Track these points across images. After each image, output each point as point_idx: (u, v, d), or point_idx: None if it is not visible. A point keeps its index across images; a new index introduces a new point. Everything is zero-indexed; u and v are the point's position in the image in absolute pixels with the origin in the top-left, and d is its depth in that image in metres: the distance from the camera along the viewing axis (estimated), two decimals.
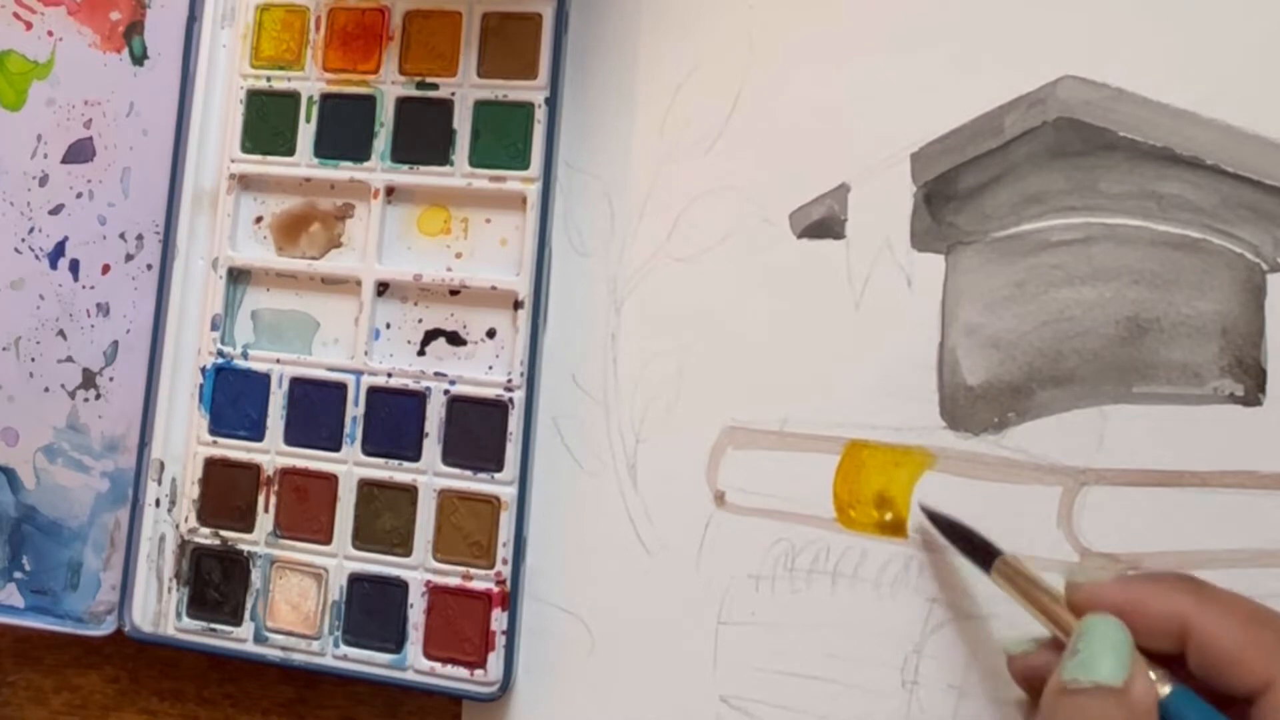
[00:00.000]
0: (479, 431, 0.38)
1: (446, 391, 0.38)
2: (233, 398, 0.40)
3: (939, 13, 0.37)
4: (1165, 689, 0.28)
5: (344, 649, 0.38)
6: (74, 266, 0.42)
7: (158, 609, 0.40)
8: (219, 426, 0.40)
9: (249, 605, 0.39)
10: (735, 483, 0.37)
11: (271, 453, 0.39)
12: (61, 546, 0.41)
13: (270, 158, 0.41)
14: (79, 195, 0.42)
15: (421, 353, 0.39)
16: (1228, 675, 0.27)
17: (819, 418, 0.37)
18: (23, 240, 0.43)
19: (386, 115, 0.40)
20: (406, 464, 0.38)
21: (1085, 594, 0.30)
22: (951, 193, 0.37)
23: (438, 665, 0.37)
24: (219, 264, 0.41)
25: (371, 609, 0.38)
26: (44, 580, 0.41)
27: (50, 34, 0.43)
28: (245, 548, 0.39)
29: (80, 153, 0.43)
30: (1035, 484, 0.35)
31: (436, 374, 0.38)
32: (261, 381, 0.40)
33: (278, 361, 0.40)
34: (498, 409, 0.38)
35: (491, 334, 0.39)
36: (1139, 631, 0.28)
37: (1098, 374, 0.35)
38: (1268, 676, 0.27)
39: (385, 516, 0.38)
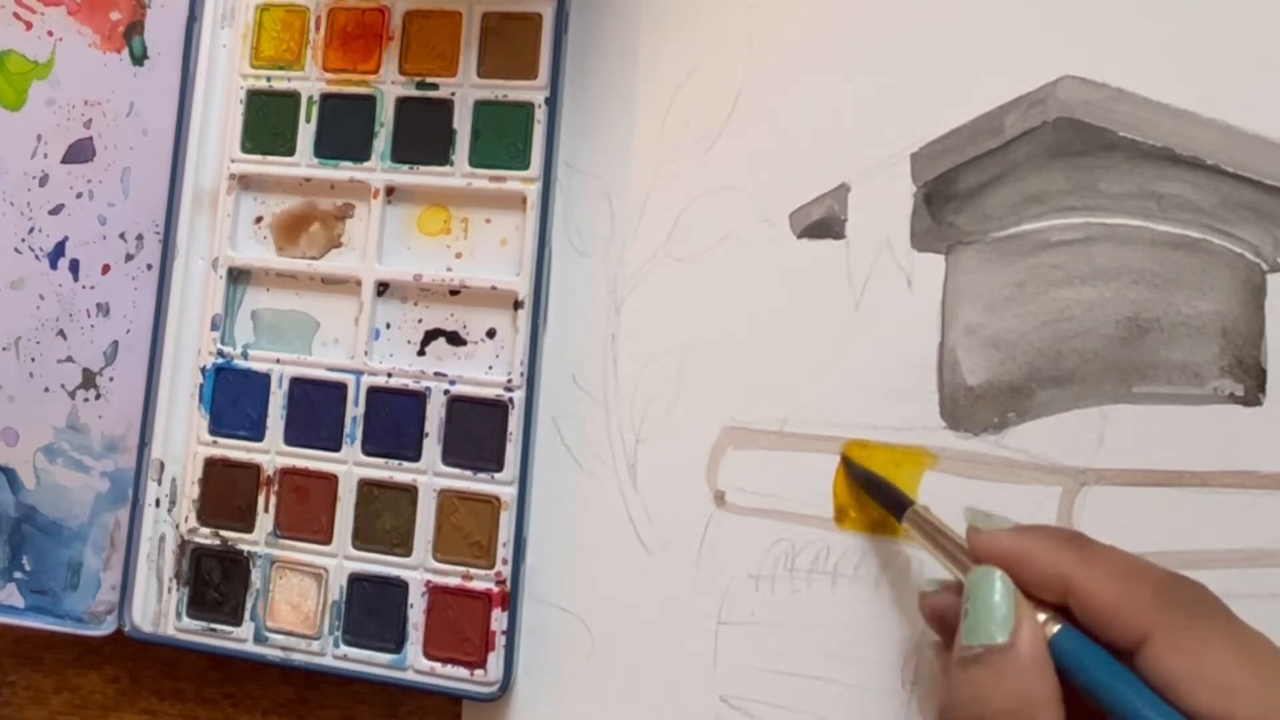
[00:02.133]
0: (479, 431, 0.38)
1: (446, 391, 0.38)
2: (233, 398, 0.40)
3: (939, 12, 0.37)
4: (1054, 628, 0.28)
5: (344, 649, 0.38)
6: (74, 266, 0.42)
7: (158, 609, 0.40)
8: (219, 426, 0.40)
9: (249, 605, 0.39)
10: (735, 483, 0.37)
11: (271, 453, 0.39)
12: (61, 546, 0.41)
13: (270, 158, 0.41)
14: (79, 195, 0.42)
15: (421, 353, 0.39)
16: (1107, 630, 0.28)
17: (819, 418, 0.37)
18: (23, 240, 0.43)
19: (386, 115, 0.40)
20: (406, 464, 0.38)
21: (980, 542, 0.31)
22: (951, 193, 0.37)
23: (438, 665, 0.37)
24: (219, 264, 0.41)
25: (371, 609, 0.38)
26: (44, 580, 0.41)
27: (50, 34, 0.43)
28: (245, 548, 0.39)
29: (80, 153, 0.43)
30: (1035, 484, 0.35)
31: (436, 374, 0.38)
32: (261, 381, 0.40)
33: (278, 361, 0.40)
34: (498, 409, 0.38)
35: (491, 334, 0.39)
36: (1028, 583, 0.29)
37: (1098, 374, 0.35)
38: (1144, 629, 0.27)
39: (385, 516, 0.38)
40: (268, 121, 0.41)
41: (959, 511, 0.35)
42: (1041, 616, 0.29)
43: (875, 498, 0.35)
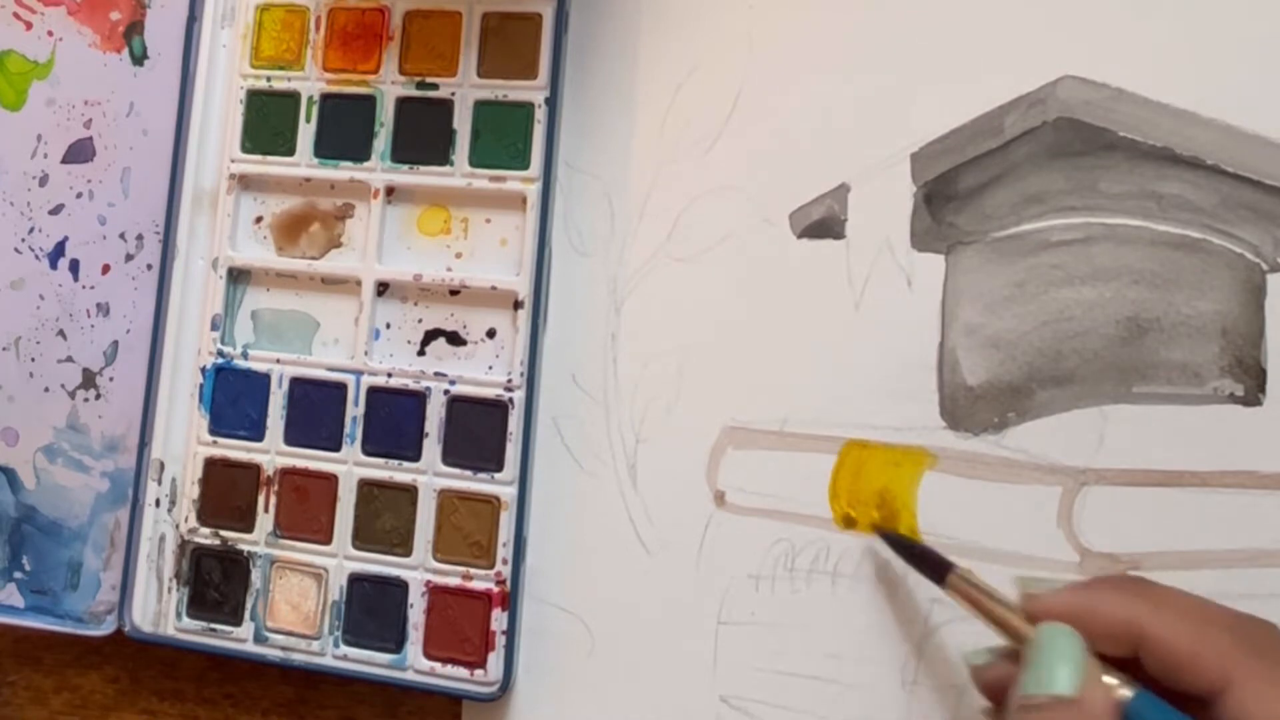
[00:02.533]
0: (479, 431, 0.38)
1: (446, 391, 0.38)
2: (233, 398, 0.40)
3: (939, 12, 0.37)
4: (1127, 693, 0.28)
5: (344, 649, 0.38)
6: (74, 266, 0.42)
7: (158, 609, 0.40)
8: (219, 426, 0.40)
9: (249, 605, 0.39)
10: (735, 483, 0.37)
11: (271, 453, 0.39)
12: (61, 546, 0.41)
13: (270, 158, 0.41)
14: (79, 195, 0.42)
15: (421, 353, 0.39)
16: (1184, 677, 0.27)
17: (819, 418, 0.37)
18: (23, 240, 0.43)
19: (386, 115, 0.40)
20: (406, 464, 0.38)
21: (1040, 604, 0.30)
22: (951, 193, 0.37)
23: (438, 665, 0.37)
24: (219, 264, 0.41)
25: (371, 609, 0.38)
26: (44, 580, 0.41)
27: (50, 34, 0.43)
28: (245, 548, 0.39)
29: (80, 153, 0.43)
30: (1035, 484, 0.35)
31: (436, 374, 0.38)
32: (261, 381, 0.40)
33: (278, 361, 0.40)
34: (498, 409, 0.38)
35: (491, 334, 0.39)
36: (1094, 637, 0.28)
37: (1098, 374, 0.35)
38: (1223, 677, 0.27)
39: (385, 516, 0.38)
40: (268, 121, 0.41)
41: (960, 512, 0.35)
42: (1114, 680, 0.28)
43: (913, 564, 0.34)
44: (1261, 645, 0.28)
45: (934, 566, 0.33)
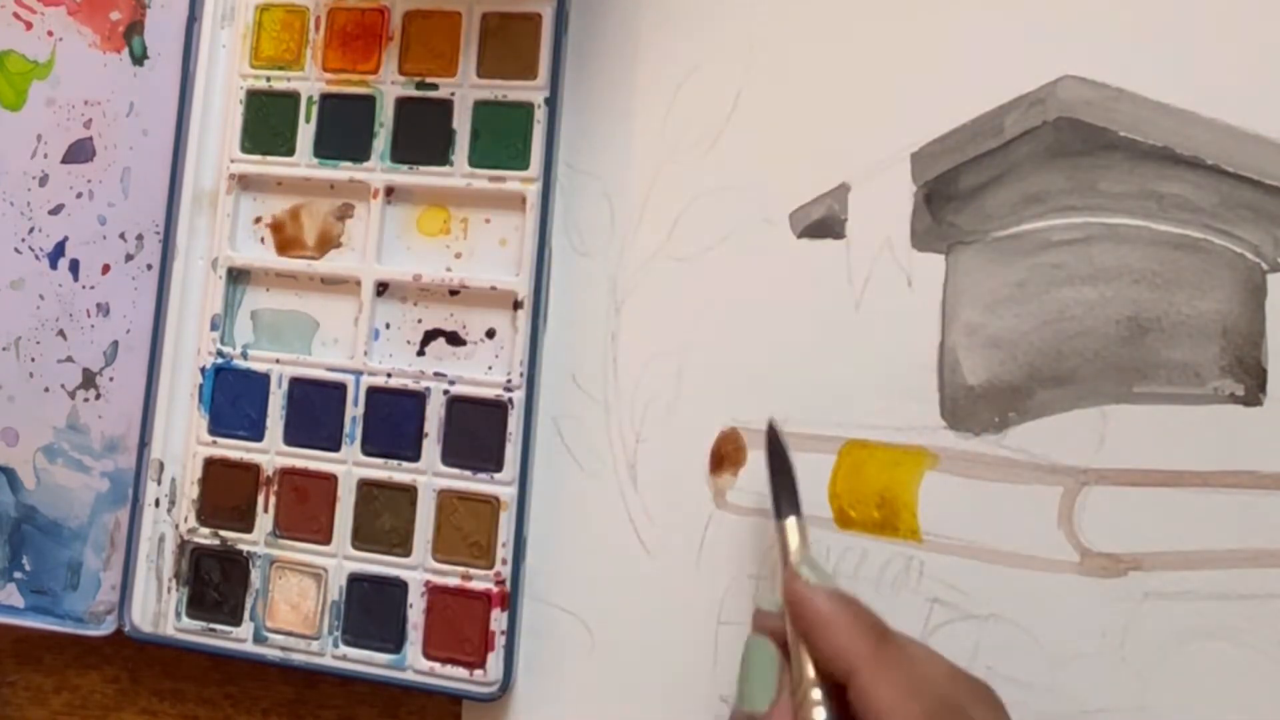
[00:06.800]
0: (479, 431, 0.38)
1: (446, 391, 0.38)
2: (232, 398, 0.40)
3: (939, 13, 0.37)
4: (821, 715, 0.30)
5: (343, 649, 0.38)
6: (74, 266, 0.42)
7: (157, 609, 0.40)
8: (218, 426, 0.40)
9: (248, 605, 0.39)
10: (735, 483, 0.37)
11: (271, 453, 0.39)
12: (61, 546, 0.41)
13: (270, 158, 0.41)
14: (79, 195, 0.42)
15: (421, 353, 0.39)
16: None
17: (819, 418, 0.37)
18: (23, 240, 0.43)
19: (386, 115, 0.40)
20: (406, 464, 0.38)
21: (797, 591, 0.32)
22: (952, 192, 0.37)
23: (437, 665, 0.37)
24: (219, 264, 0.41)
25: (371, 609, 0.38)
26: (44, 580, 0.41)
27: (50, 34, 0.43)
28: (245, 548, 0.39)
29: (80, 153, 0.43)
30: (1036, 484, 0.35)
31: (436, 374, 0.38)
32: (261, 381, 0.40)
33: (277, 361, 0.40)
34: (497, 409, 0.38)
35: (491, 334, 0.39)
36: (821, 653, 0.30)
37: (1098, 374, 0.35)
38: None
39: (385, 516, 0.38)
40: (267, 121, 0.41)
41: (960, 512, 0.35)
42: (817, 693, 0.30)
43: (773, 479, 0.35)
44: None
45: (779, 499, 0.34)
